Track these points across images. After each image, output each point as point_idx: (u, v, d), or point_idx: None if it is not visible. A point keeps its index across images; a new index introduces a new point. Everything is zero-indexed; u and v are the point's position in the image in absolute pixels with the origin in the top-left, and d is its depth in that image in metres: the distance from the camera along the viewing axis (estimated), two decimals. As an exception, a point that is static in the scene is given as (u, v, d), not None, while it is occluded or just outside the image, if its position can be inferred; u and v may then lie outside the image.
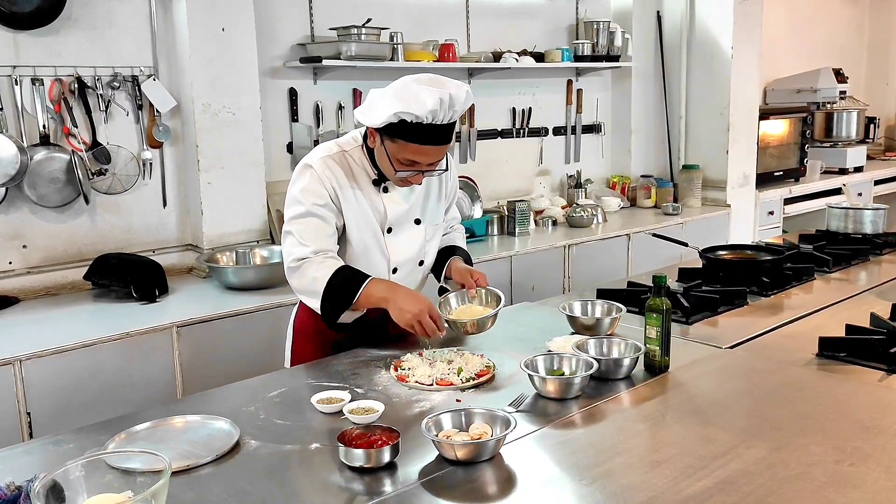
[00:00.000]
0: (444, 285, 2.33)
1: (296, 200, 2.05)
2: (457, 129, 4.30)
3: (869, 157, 6.36)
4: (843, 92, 6.15)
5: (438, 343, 2.08)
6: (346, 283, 2.01)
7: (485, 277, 2.25)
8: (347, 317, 2.09)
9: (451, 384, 1.84)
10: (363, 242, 2.11)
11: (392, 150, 1.97)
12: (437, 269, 2.34)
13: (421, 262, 2.25)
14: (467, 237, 3.90)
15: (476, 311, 2.16)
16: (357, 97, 3.88)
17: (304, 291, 2.06)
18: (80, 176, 3.07)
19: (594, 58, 4.60)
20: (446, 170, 2.15)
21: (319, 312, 2.05)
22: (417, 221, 2.20)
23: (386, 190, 2.12)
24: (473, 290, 2.21)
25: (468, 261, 2.36)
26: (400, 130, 1.92)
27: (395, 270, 2.19)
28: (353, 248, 2.11)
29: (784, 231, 5.27)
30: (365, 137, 2.09)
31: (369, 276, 2.04)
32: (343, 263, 2.05)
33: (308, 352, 2.20)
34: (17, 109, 2.99)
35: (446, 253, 2.34)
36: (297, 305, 2.32)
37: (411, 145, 1.94)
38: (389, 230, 2.14)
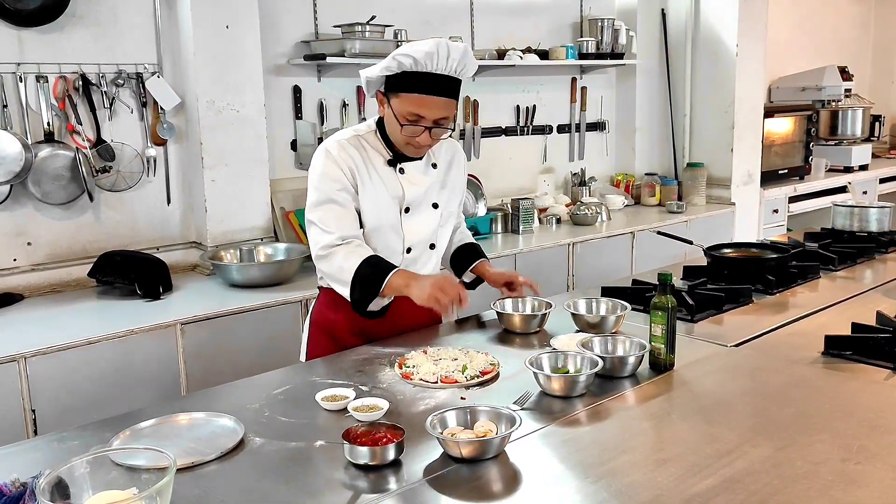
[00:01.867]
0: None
1: (315, 188, 2.12)
2: (461, 126, 4.31)
3: (874, 156, 6.34)
4: (849, 90, 6.14)
5: (466, 311, 2.14)
6: (371, 273, 2.05)
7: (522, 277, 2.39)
8: (376, 304, 2.13)
9: (456, 382, 1.84)
10: (379, 221, 2.16)
11: (397, 106, 2.03)
12: (460, 266, 2.42)
13: (432, 246, 2.28)
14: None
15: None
16: (361, 95, 3.87)
17: (333, 279, 2.12)
18: (85, 173, 3.07)
19: (598, 55, 4.59)
20: (453, 129, 2.20)
21: (349, 300, 2.09)
22: (435, 206, 2.24)
23: (402, 171, 2.17)
24: (523, 289, 2.37)
25: (482, 256, 2.46)
26: (401, 81, 2.00)
27: (409, 250, 2.23)
28: (369, 226, 2.15)
29: (788, 229, 5.26)
30: (379, 123, 2.16)
31: (395, 266, 2.09)
32: (370, 253, 2.09)
33: (325, 345, 2.23)
34: (21, 107, 2.99)
35: (468, 252, 2.42)
36: (315, 299, 2.35)
37: (413, 96, 2.00)
38: (407, 210, 2.19)
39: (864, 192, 5.97)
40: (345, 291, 2.09)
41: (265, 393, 1.84)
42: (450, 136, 2.20)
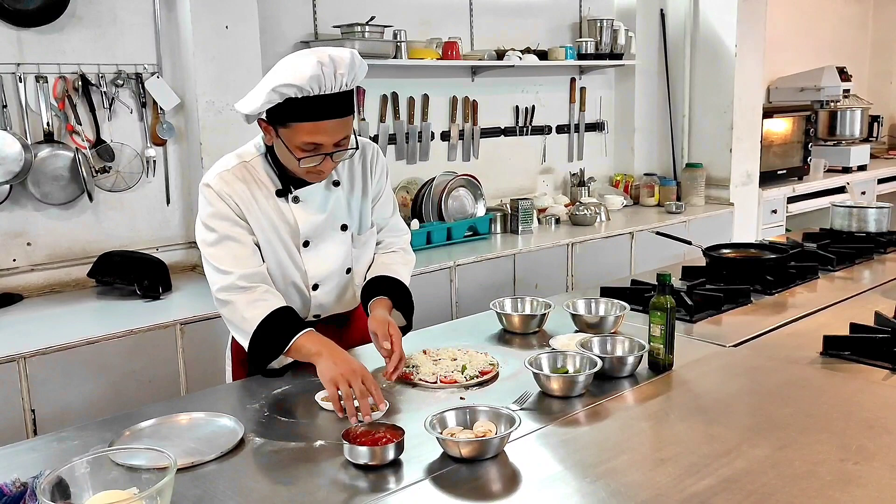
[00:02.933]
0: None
1: (205, 227, 1.88)
2: (460, 126, 4.31)
3: (872, 156, 6.35)
4: (847, 90, 6.15)
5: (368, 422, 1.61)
6: (277, 329, 1.82)
7: (399, 337, 1.90)
8: (277, 363, 1.90)
9: (455, 382, 1.84)
10: (276, 259, 1.94)
11: (288, 137, 1.78)
12: (365, 303, 2.07)
13: (348, 270, 2.07)
14: (470, 235, 3.96)
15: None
16: (360, 95, 3.88)
17: (234, 328, 1.89)
18: (84, 173, 3.07)
19: (597, 56, 4.60)
20: (357, 148, 1.94)
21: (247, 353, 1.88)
22: (344, 227, 2.02)
23: (297, 200, 1.93)
24: (384, 350, 1.88)
25: (403, 302, 2.07)
26: (288, 111, 1.75)
27: (315, 287, 2.02)
28: (268, 264, 1.93)
29: (787, 230, 5.27)
30: (268, 145, 1.91)
31: (307, 326, 1.84)
32: (277, 304, 1.85)
33: (244, 374, 2.06)
34: (21, 107, 2.99)
35: (379, 284, 2.06)
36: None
37: (305, 125, 1.75)
38: (306, 244, 1.97)
39: (863, 193, 5.98)
40: (244, 342, 1.86)
41: (265, 393, 1.84)
42: (352, 153, 1.93)
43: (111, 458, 1.36)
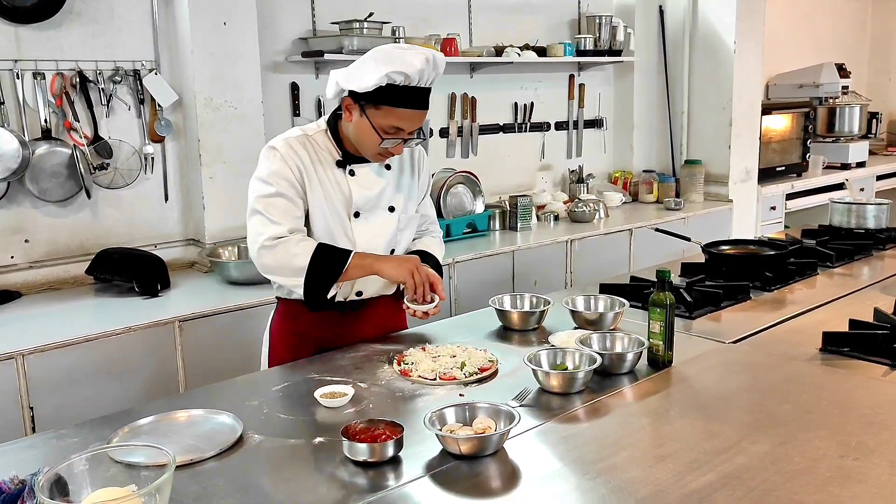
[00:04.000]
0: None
1: (263, 181, 2.02)
2: (458, 123, 4.31)
3: (871, 153, 6.35)
4: (846, 87, 6.14)
5: (436, 309, 2.08)
6: (330, 257, 1.98)
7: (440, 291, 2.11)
8: (332, 289, 2.03)
9: (455, 379, 1.84)
10: (328, 227, 2.07)
11: (377, 117, 1.94)
12: None
13: (392, 252, 2.18)
14: (469, 232, 3.96)
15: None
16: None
17: (281, 269, 2.00)
18: (82, 170, 3.07)
19: (596, 52, 4.59)
20: (424, 139, 2.14)
21: (300, 290, 2.00)
22: (391, 209, 2.15)
23: (353, 173, 2.09)
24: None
25: (438, 271, 2.22)
26: (387, 95, 1.91)
27: None
28: (317, 232, 2.07)
29: (786, 226, 5.27)
30: (330, 122, 2.09)
31: (351, 250, 2.03)
32: (321, 242, 2.02)
33: (285, 357, 2.14)
34: (18, 104, 2.99)
35: (419, 255, 2.22)
36: (273, 310, 2.26)
37: (398, 110, 1.93)
38: (357, 215, 2.10)
39: (862, 189, 5.97)
40: (296, 281, 1.99)
41: (264, 390, 1.84)
42: (419, 142, 2.14)
43: (110, 455, 1.36)
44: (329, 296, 2.03)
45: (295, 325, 2.17)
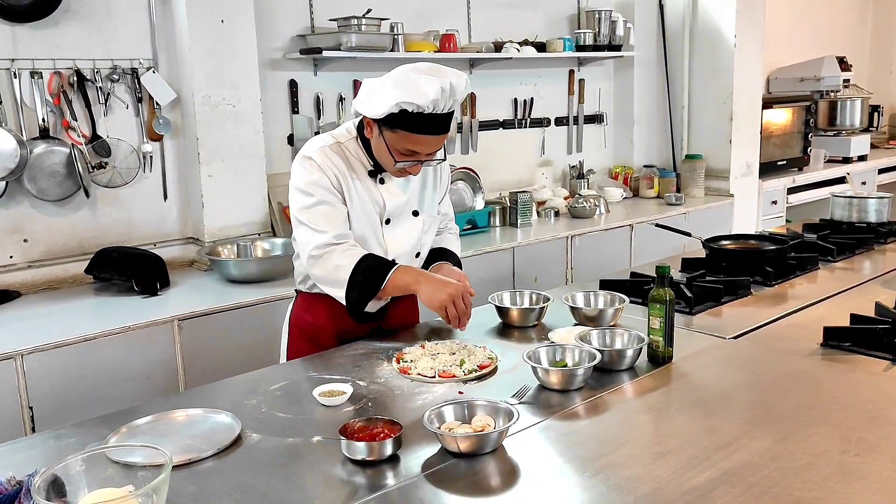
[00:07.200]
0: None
1: (303, 192, 2.03)
2: (457, 119, 4.29)
3: (873, 146, 6.33)
4: (847, 80, 6.12)
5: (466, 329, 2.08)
6: (372, 270, 2.00)
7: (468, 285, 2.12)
8: (372, 306, 2.06)
9: (454, 376, 1.84)
10: (361, 234, 2.10)
11: (392, 140, 1.96)
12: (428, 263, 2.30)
13: (417, 254, 2.23)
14: (469, 228, 3.95)
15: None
16: (357, 88, 3.86)
17: (327, 281, 2.04)
18: (80, 169, 3.06)
19: (596, 47, 4.58)
20: (444, 160, 2.16)
21: (344, 303, 2.03)
22: (415, 213, 2.18)
23: (382, 181, 2.11)
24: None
25: (458, 267, 2.29)
26: (401, 121, 1.91)
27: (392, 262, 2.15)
28: (352, 237, 2.09)
29: (787, 220, 5.25)
30: (360, 128, 2.09)
31: (395, 263, 2.05)
32: (367, 252, 2.04)
33: (304, 348, 2.18)
34: (16, 103, 2.98)
35: (435, 256, 2.29)
36: (292, 301, 2.30)
37: (412, 135, 1.93)
38: (388, 221, 2.13)
39: (863, 183, 5.96)
40: (339, 293, 2.02)
41: (262, 389, 1.83)
42: (438, 163, 2.15)
43: (107, 455, 1.35)
44: (369, 310, 2.06)
45: (315, 318, 2.19)
